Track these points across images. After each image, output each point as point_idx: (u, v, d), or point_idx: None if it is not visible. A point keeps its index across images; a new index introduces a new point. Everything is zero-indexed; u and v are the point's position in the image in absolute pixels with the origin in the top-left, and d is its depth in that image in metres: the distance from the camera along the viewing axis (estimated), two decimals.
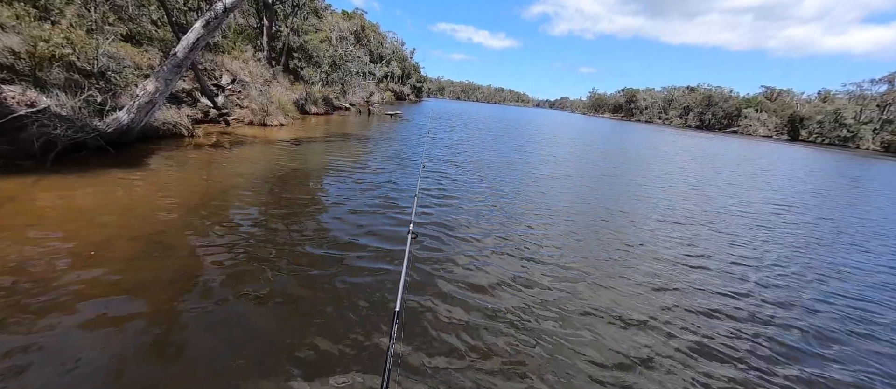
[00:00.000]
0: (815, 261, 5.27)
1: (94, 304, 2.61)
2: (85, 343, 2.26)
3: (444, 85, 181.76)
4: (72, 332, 2.34)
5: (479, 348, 2.65)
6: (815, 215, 8.30)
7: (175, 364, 2.21)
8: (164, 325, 2.51)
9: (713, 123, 78.05)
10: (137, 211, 4.28)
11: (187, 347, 2.35)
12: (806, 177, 14.78)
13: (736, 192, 10.03)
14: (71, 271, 2.95)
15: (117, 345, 2.28)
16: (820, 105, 64.56)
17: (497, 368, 2.48)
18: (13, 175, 4.77)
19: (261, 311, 2.77)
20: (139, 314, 2.58)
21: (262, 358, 2.32)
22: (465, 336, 2.75)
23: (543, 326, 2.99)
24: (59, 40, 6.68)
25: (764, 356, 2.94)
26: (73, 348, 2.22)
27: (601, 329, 3.04)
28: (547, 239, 4.97)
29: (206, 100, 11.20)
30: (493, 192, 7.18)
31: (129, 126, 6.60)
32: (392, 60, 53.24)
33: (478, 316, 3.03)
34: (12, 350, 2.14)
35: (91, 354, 2.19)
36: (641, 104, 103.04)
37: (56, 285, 2.76)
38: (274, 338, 2.51)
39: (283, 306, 2.87)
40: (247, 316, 2.71)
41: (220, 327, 2.56)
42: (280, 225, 4.37)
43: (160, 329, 2.46)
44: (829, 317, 3.67)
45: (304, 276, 3.31)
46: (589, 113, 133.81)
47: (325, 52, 22.61)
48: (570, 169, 11.11)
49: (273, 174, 6.67)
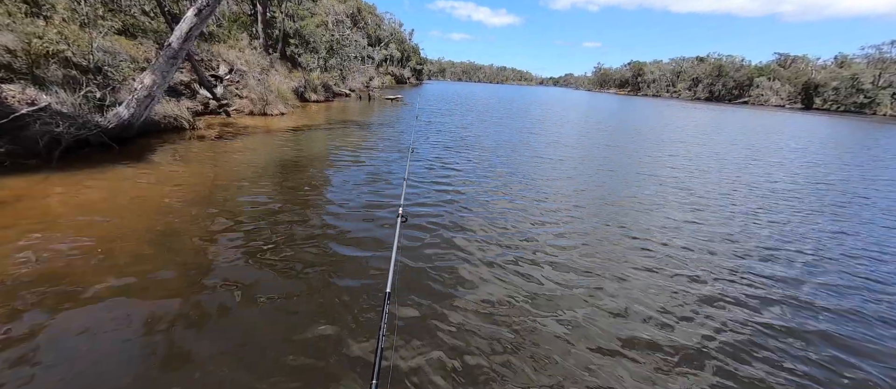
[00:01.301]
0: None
1: (106, 298, 2.68)
2: (97, 336, 2.33)
3: (445, 66, 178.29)
4: (86, 324, 2.41)
5: (469, 326, 2.68)
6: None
7: (187, 352, 2.27)
8: (175, 315, 2.57)
9: (723, 94, 75.77)
10: (144, 205, 4.33)
11: (198, 336, 2.41)
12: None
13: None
14: (83, 265, 3.01)
15: (129, 337, 2.35)
16: (836, 71, 62.07)
17: (489, 347, 2.51)
18: (20, 174, 4.84)
19: (264, 298, 2.82)
20: (150, 306, 2.64)
21: (265, 343, 2.37)
22: (455, 316, 2.77)
23: (539, 312, 3.01)
24: (53, 36, 6.62)
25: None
26: (85, 340, 2.29)
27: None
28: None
29: (205, 91, 11.14)
30: (497, 176, 7.12)
31: (129, 120, 6.61)
32: (390, 43, 52.14)
33: (472, 300, 3.05)
34: (26, 343, 2.22)
35: (104, 346, 2.26)
36: (648, 78, 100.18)
37: (69, 279, 2.83)
38: (277, 322, 2.56)
39: (283, 292, 2.92)
40: (251, 302, 2.76)
41: (227, 317, 2.62)
42: (284, 215, 4.40)
43: (165, 325, 2.52)
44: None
45: (304, 262, 3.35)
46: (594, 89, 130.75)
47: (322, 37, 22.17)
48: (585, 153, 10.91)
49: (275, 164, 6.67)
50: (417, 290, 3.06)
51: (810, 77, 63.30)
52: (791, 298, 3.38)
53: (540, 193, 6.07)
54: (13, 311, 2.46)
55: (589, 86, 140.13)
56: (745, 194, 6.89)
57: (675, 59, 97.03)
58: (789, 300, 3.35)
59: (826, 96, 58.40)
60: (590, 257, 3.90)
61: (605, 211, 5.44)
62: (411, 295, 2.99)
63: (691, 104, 56.03)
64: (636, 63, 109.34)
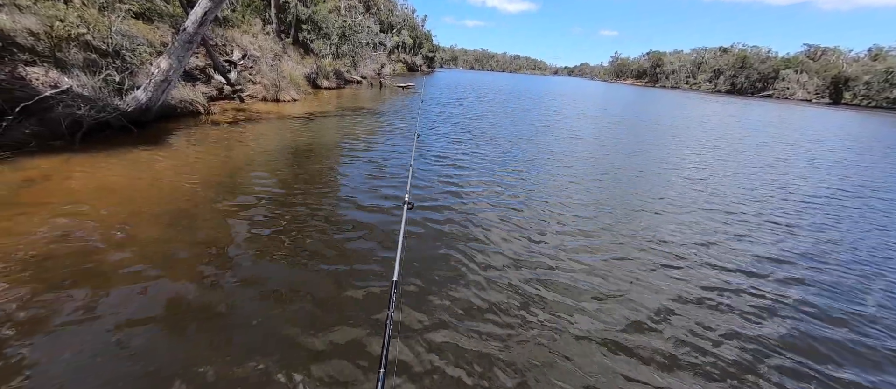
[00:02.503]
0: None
1: (128, 275, 2.79)
2: (120, 313, 2.44)
3: (458, 54, 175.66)
4: (101, 303, 2.52)
5: (477, 314, 2.69)
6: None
7: (202, 332, 2.36)
8: (187, 299, 2.66)
9: (746, 87, 72.70)
10: (163, 187, 4.45)
11: (214, 316, 2.49)
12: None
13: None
14: (105, 244, 3.13)
15: (150, 314, 2.45)
16: (869, 64, 58.78)
17: (497, 337, 2.52)
18: (47, 154, 5.01)
19: (277, 283, 2.89)
20: (169, 285, 2.74)
21: (277, 327, 2.44)
22: (462, 304, 2.79)
23: (546, 297, 3.00)
24: (73, 19, 6.74)
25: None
26: (110, 316, 2.39)
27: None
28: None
29: (219, 76, 11.25)
30: (503, 164, 7.05)
31: (147, 104, 6.74)
32: (403, 29, 51.50)
33: (479, 283, 3.06)
34: (50, 318, 2.33)
35: (126, 322, 2.36)
36: (667, 68, 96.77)
37: (93, 257, 2.94)
38: (289, 306, 2.63)
39: (295, 277, 2.98)
40: (264, 286, 2.84)
41: (240, 298, 2.69)
42: (296, 200, 4.47)
43: (189, 299, 2.62)
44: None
45: (314, 248, 3.40)
46: (610, 79, 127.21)
47: (335, 23, 22.02)
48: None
49: (288, 150, 6.74)
50: (424, 278, 3.09)
51: (841, 70, 60.10)
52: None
53: (549, 185, 6.00)
54: (47, 286, 2.58)
55: (605, 77, 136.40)
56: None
57: (697, 50, 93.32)
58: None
59: (856, 91, 55.50)
60: (603, 250, 3.86)
61: (620, 209, 5.36)
62: (418, 282, 3.02)
63: (713, 97, 54.03)
64: (655, 53, 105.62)
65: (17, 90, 5.21)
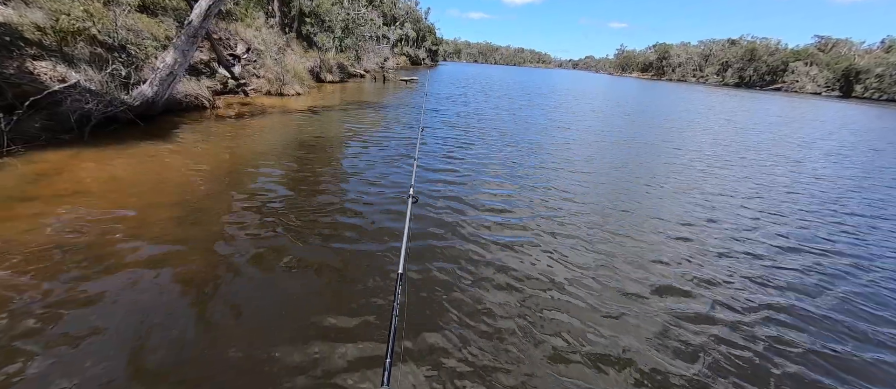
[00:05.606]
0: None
1: (139, 262, 2.85)
2: (136, 302, 2.50)
3: (461, 47, 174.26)
4: (119, 291, 2.58)
5: (482, 307, 2.73)
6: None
7: (213, 316, 2.41)
8: (200, 288, 2.71)
9: (754, 80, 71.52)
10: (170, 180, 4.51)
11: (221, 309, 2.55)
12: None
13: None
14: (115, 235, 3.19)
15: (157, 306, 2.51)
16: (882, 56, 57.49)
17: (503, 329, 2.55)
18: (57, 148, 5.08)
19: (285, 275, 2.94)
20: (177, 277, 2.79)
21: (286, 319, 2.49)
22: (468, 294, 2.82)
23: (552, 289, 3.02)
24: (79, 13, 6.77)
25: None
26: (125, 304, 2.45)
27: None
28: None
29: (223, 70, 11.27)
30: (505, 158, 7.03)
31: (153, 99, 6.79)
32: (406, 22, 51.08)
33: (486, 274, 3.09)
34: (64, 307, 2.40)
35: (139, 311, 2.42)
36: (674, 61, 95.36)
37: (107, 248, 3.01)
38: (297, 299, 2.68)
39: (302, 269, 3.03)
40: (272, 278, 2.88)
41: (249, 289, 2.75)
42: (301, 194, 4.51)
43: (196, 292, 2.67)
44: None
45: (320, 241, 3.45)
46: (616, 72, 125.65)
47: (338, 17, 21.89)
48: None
49: (292, 144, 6.78)
50: (429, 269, 3.12)
51: (852, 62, 58.86)
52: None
53: (552, 181, 5.99)
54: (64, 277, 2.65)
55: (610, 70, 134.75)
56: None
57: (705, 42, 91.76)
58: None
59: (867, 83, 54.38)
60: (607, 242, 3.87)
61: (628, 202, 5.34)
62: (423, 273, 3.05)
63: (721, 90, 53.20)
64: (661, 45, 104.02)
65: (25, 84, 5.27)
